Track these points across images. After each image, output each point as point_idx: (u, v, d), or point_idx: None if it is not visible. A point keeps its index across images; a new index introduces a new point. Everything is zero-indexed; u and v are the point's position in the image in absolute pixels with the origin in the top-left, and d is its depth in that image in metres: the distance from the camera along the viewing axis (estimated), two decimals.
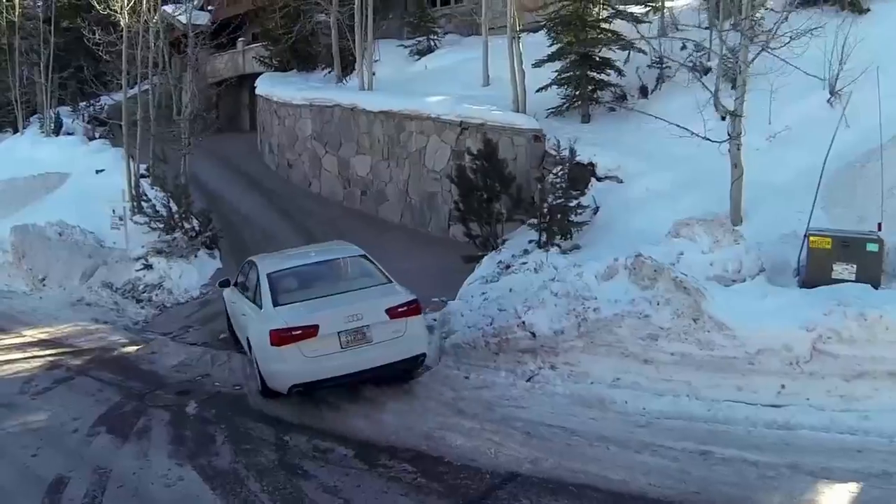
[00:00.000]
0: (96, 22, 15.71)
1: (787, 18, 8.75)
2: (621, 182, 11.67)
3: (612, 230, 10.94)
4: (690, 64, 13.31)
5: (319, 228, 15.01)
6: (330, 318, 7.18)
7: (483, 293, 9.16)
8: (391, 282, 8.00)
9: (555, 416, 6.81)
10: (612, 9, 13.62)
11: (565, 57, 13.42)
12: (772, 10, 9.42)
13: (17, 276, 13.48)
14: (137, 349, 10.32)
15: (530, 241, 11.09)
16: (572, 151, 10.98)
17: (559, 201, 10.84)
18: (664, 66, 13.56)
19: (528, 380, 7.52)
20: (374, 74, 17.48)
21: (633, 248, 9.55)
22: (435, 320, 10.34)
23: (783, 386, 6.95)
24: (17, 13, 18.92)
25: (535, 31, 14.37)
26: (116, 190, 14.94)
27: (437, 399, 7.53)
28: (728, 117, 9.55)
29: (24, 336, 11.17)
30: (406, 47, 19.45)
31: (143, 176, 15.56)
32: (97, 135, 20.38)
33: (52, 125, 20.23)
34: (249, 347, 8.12)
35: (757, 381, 6.99)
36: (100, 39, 15.02)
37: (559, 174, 11.21)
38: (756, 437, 6.35)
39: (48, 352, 10.33)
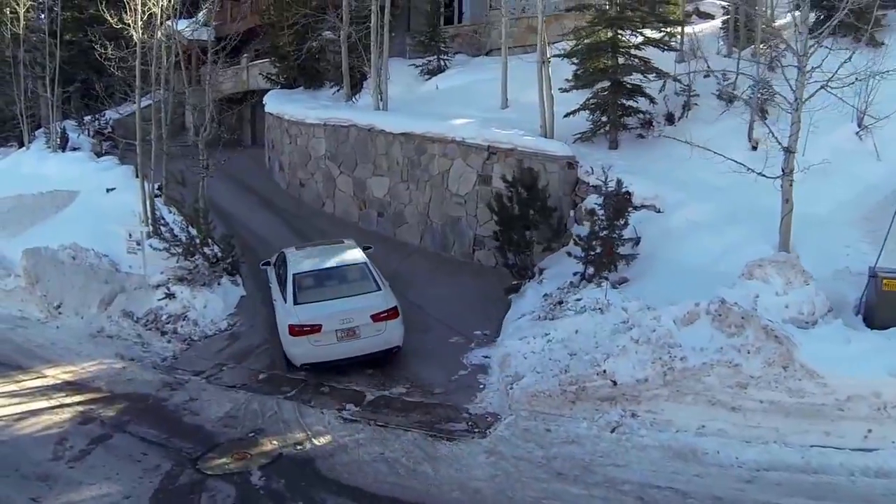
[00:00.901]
0: (106, 36, 15.14)
1: (850, 59, 8.79)
2: (660, 212, 11.55)
3: (657, 262, 10.80)
4: (717, 92, 13.44)
5: None
6: (330, 319, 9.61)
7: (546, 334, 8.94)
8: (381, 289, 10.27)
9: (658, 475, 6.60)
10: (641, 34, 13.58)
11: (596, 83, 13.34)
12: (826, 47, 9.45)
13: (30, 302, 12.47)
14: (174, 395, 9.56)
15: (575, 273, 10.91)
16: (619, 182, 10.84)
17: (604, 232, 10.70)
18: (691, 93, 13.61)
19: (613, 430, 7.36)
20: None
21: (688, 283, 9.41)
22: (487, 357, 10.06)
23: (870, 430, 7.05)
24: (21, 25, 18.15)
25: (560, 56, 14.23)
26: (128, 209, 14.20)
27: (528, 459, 7.15)
28: (782, 153, 9.56)
29: (47, 377, 10.22)
30: (417, 66, 19.19)
31: (155, 195, 14.97)
32: (104, 150, 19.62)
33: (58, 140, 19.40)
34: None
35: (844, 426, 7.06)
36: (112, 55, 14.44)
37: (601, 204, 11.07)
38: (862, 487, 6.35)
39: (76, 398, 9.46)
